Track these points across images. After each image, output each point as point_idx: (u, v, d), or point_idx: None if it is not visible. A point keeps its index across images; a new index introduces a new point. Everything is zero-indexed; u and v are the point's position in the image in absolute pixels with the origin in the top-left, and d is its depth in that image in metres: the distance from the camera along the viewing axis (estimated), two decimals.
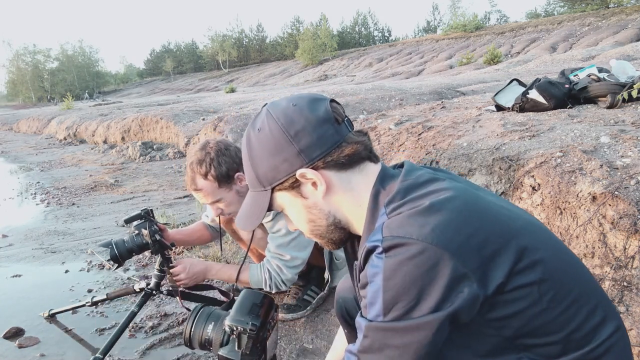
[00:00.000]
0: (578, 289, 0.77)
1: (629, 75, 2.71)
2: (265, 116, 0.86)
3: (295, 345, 1.86)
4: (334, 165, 0.84)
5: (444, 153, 2.44)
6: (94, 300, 2.10)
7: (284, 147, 0.83)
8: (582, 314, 0.75)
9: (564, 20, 25.76)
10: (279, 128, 0.83)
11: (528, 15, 45.21)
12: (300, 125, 0.83)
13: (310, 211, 0.88)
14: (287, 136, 0.83)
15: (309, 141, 0.82)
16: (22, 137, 13.93)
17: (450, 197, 0.74)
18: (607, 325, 0.77)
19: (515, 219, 0.78)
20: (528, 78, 5.09)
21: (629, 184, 1.58)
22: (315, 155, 0.83)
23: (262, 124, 0.86)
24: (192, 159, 1.76)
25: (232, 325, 0.99)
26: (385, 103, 6.95)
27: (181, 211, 4.07)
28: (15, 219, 4.34)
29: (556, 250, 0.79)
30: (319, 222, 0.89)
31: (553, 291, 0.74)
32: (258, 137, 0.86)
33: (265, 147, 0.84)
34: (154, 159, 7.42)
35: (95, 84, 60.48)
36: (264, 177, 0.86)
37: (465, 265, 0.69)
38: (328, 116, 0.85)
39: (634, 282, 1.46)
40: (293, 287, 2.14)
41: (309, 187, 0.86)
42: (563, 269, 0.77)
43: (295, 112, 0.84)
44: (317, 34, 39.69)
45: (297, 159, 0.83)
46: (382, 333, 0.73)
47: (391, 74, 20.79)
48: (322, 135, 0.83)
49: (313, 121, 0.83)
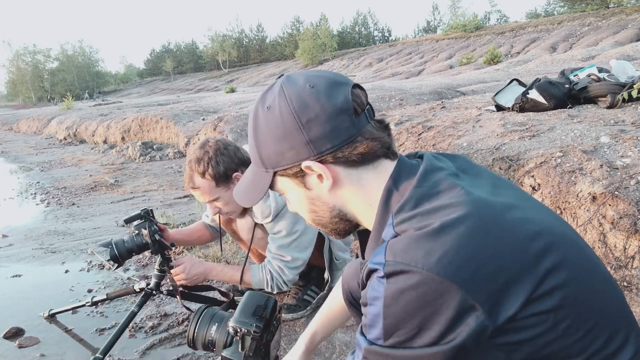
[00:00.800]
0: (600, 313, 0.69)
1: (629, 75, 2.71)
2: (277, 94, 0.78)
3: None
4: (345, 161, 0.77)
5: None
6: (94, 300, 2.10)
7: (293, 134, 0.75)
8: (601, 341, 0.68)
9: (564, 20, 25.77)
10: (290, 112, 0.75)
11: (528, 15, 45.24)
12: (313, 113, 0.75)
13: (313, 202, 0.83)
14: (298, 123, 0.75)
15: (321, 132, 0.75)
16: (22, 137, 13.93)
17: (463, 215, 0.66)
18: (627, 348, 0.70)
19: (539, 235, 0.67)
20: (528, 78, 5.09)
21: (629, 184, 1.58)
22: (325, 148, 0.75)
23: (273, 102, 0.77)
24: (191, 157, 1.77)
25: (236, 327, 0.98)
26: (385, 103, 6.94)
27: (181, 211, 4.07)
28: (15, 219, 4.34)
29: (581, 267, 0.70)
30: (322, 214, 0.84)
31: (571, 319, 0.66)
32: (266, 116, 0.78)
33: (273, 129, 0.77)
34: (154, 159, 7.42)
35: (95, 84, 60.49)
36: (267, 159, 0.80)
37: (474, 297, 0.62)
38: (347, 106, 0.76)
39: (634, 282, 1.46)
40: (293, 287, 2.14)
41: (314, 179, 0.79)
42: (585, 292, 0.69)
43: (312, 96, 0.75)
44: (317, 34, 39.69)
45: (304, 149, 0.76)
46: (381, 357, 0.68)
47: (391, 74, 20.79)
48: (336, 127, 0.75)
49: (329, 110, 0.75)
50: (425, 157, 0.80)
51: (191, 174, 1.75)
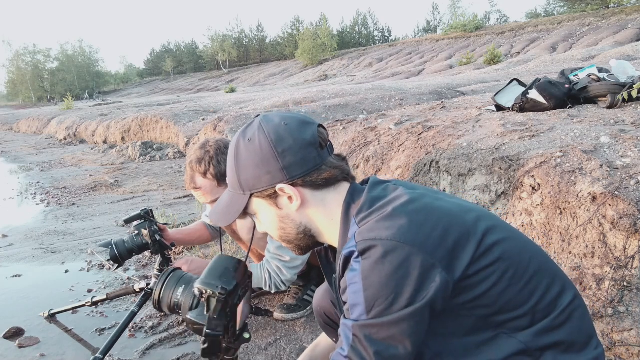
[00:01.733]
0: (535, 264, 0.87)
1: (629, 75, 2.71)
2: (257, 129, 0.93)
3: (295, 345, 1.86)
4: (312, 185, 0.92)
5: (444, 153, 2.44)
6: (94, 300, 2.10)
7: (270, 161, 0.90)
8: (543, 286, 0.85)
9: (564, 20, 25.76)
10: (269, 144, 0.90)
11: (528, 15, 45.20)
12: (287, 145, 0.90)
13: (282, 220, 0.96)
14: (275, 152, 0.90)
15: (293, 160, 0.90)
16: (22, 137, 13.93)
17: (408, 200, 0.85)
18: (566, 294, 0.87)
19: (470, 211, 0.88)
20: (528, 78, 5.08)
21: (629, 184, 1.58)
22: (296, 173, 0.90)
23: (253, 135, 0.92)
24: (192, 158, 1.77)
25: (202, 288, 0.95)
26: (385, 103, 6.94)
27: (181, 211, 4.07)
28: (15, 219, 4.34)
29: (511, 233, 0.89)
30: (289, 231, 0.97)
31: (513, 269, 0.83)
32: (247, 146, 0.92)
33: (252, 157, 0.91)
34: (154, 159, 7.42)
35: (95, 84, 60.44)
36: (245, 182, 0.93)
37: (433, 256, 0.78)
38: (314, 140, 0.92)
39: (634, 282, 1.46)
40: (293, 287, 2.14)
41: (285, 200, 0.93)
42: (519, 248, 0.87)
43: (286, 131, 0.91)
44: (317, 34, 39.66)
45: (279, 174, 0.90)
46: (367, 329, 0.79)
47: (391, 74, 20.79)
48: (306, 157, 0.91)
49: (300, 143, 0.91)
50: (371, 178, 0.98)
51: (192, 175, 1.75)
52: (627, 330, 1.43)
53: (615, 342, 1.44)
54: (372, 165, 2.87)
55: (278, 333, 1.96)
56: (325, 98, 8.10)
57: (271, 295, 2.24)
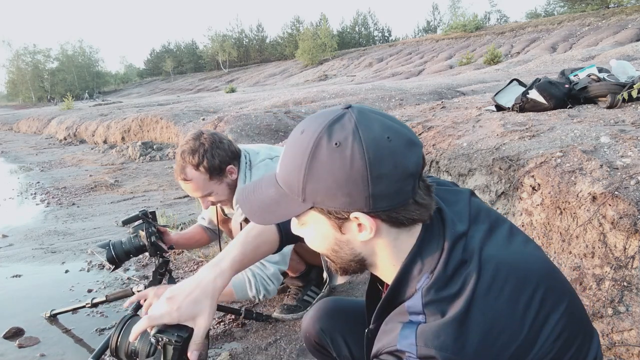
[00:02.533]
0: (581, 327, 0.82)
1: (629, 75, 2.71)
2: (351, 133, 0.71)
3: (295, 345, 1.86)
4: (393, 221, 0.75)
5: (444, 153, 2.44)
6: (93, 302, 2.10)
7: (357, 183, 0.70)
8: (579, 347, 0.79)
9: (564, 20, 25.77)
10: (364, 163, 0.69)
11: (528, 15, 45.22)
12: (386, 170, 0.70)
13: (339, 244, 0.80)
14: (368, 175, 0.70)
15: (385, 190, 0.71)
16: (22, 137, 13.94)
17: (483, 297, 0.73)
18: (592, 347, 0.82)
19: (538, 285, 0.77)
20: (528, 78, 5.08)
21: (629, 184, 1.58)
22: (382, 206, 0.72)
23: (345, 141, 0.70)
24: (184, 148, 1.69)
25: (158, 337, 0.97)
26: (385, 103, 6.95)
27: (181, 211, 4.07)
28: (15, 219, 4.34)
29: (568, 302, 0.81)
30: (343, 255, 0.81)
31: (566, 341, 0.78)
32: (332, 152, 0.71)
33: (335, 170, 0.71)
34: (154, 159, 7.42)
35: (95, 84, 60.45)
36: (311, 193, 0.74)
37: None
38: (416, 170, 0.74)
39: (634, 282, 1.46)
40: (293, 288, 2.14)
41: (354, 226, 0.76)
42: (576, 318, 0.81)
43: (389, 150, 0.71)
44: (317, 34, 39.67)
45: (361, 201, 0.72)
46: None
47: (391, 74, 20.79)
48: (401, 189, 0.72)
49: (400, 171, 0.71)
50: (446, 221, 0.80)
51: (184, 165, 1.69)
52: (627, 330, 1.43)
53: (615, 342, 1.44)
54: None
55: (278, 333, 1.96)
56: (325, 98, 8.10)
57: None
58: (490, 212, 0.89)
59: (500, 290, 0.74)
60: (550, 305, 0.77)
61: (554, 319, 0.76)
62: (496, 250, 0.80)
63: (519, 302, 0.75)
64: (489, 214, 0.88)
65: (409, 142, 0.74)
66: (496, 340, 0.71)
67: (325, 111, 0.76)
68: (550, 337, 0.74)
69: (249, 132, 6.20)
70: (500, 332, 0.71)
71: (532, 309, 0.75)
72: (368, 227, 0.74)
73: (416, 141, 0.76)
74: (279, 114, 6.73)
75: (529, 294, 0.76)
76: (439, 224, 0.80)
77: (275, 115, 6.63)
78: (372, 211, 0.73)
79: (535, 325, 0.74)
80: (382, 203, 0.72)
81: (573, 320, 0.79)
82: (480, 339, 0.70)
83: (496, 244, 0.81)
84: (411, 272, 0.77)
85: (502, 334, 0.71)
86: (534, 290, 0.76)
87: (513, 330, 0.72)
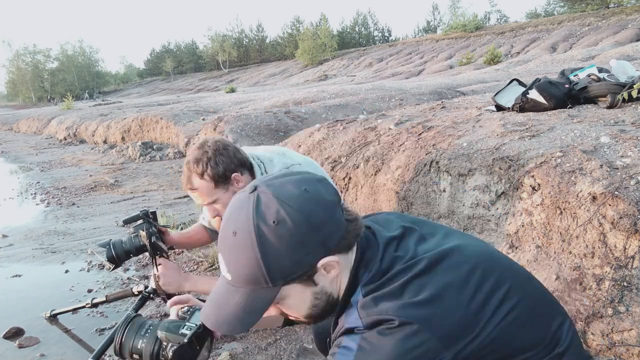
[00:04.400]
0: (540, 304, 0.90)
1: (629, 75, 2.70)
2: (280, 206, 0.77)
3: (295, 345, 1.86)
4: (344, 246, 0.83)
5: (444, 153, 2.44)
6: (93, 302, 2.10)
7: (310, 239, 0.78)
8: (547, 324, 0.88)
9: (564, 20, 25.76)
10: (305, 220, 0.77)
11: (528, 15, 45.19)
12: (322, 214, 0.79)
13: (316, 296, 0.85)
14: (312, 227, 0.78)
15: (329, 229, 0.80)
16: (22, 137, 13.93)
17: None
18: (564, 323, 0.90)
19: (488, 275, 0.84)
20: (528, 78, 5.08)
21: (629, 184, 1.58)
22: (333, 242, 0.80)
23: (278, 215, 0.77)
24: (189, 158, 1.72)
25: (164, 336, 0.99)
26: (385, 103, 6.94)
27: (181, 211, 4.07)
28: (15, 219, 4.34)
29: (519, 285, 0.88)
30: (321, 304, 0.86)
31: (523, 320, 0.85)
32: (276, 231, 0.76)
33: (288, 241, 0.76)
34: (154, 159, 7.42)
35: (96, 84, 60.42)
36: (279, 273, 0.78)
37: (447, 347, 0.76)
38: (336, 197, 0.84)
39: (634, 282, 1.46)
40: None
41: (321, 271, 0.82)
42: (528, 300, 0.87)
43: (313, 199, 0.80)
44: (317, 34, 39.65)
45: (320, 249, 0.79)
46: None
47: (391, 74, 20.79)
48: (337, 218, 0.81)
49: (330, 207, 0.81)
50: (376, 231, 0.91)
51: (189, 175, 1.71)
52: (627, 330, 1.43)
53: (615, 342, 1.44)
54: (372, 165, 2.87)
55: (278, 333, 1.96)
56: (325, 98, 8.10)
57: None
58: (426, 222, 0.99)
59: (436, 271, 0.82)
60: (492, 285, 0.83)
61: (498, 297, 0.82)
62: (431, 245, 0.89)
63: (457, 278, 0.82)
64: (425, 223, 0.99)
65: (318, 181, 0.84)
66: (437, 306, 0.77)
67: (240, 204, 0.81)
68: (498, 311, 0.81)
69: (249, 132, 6.19)
70: (440, 298, 0.78)
71: (470, 285, 0.82)
72: (334, 264, 0.81)
73: (320, 177, 0.86)
74: (279, 114, 6.72)
75: (465, 272, 0.83)
76: (371, 235, 0.90)
77: (275, 115, 6.63)
78: (330, 250, 0.80)
79: (477, 299, 0.81)
80: (333, 240, 0.80)
81: (523, 299, 0.85)
82: (419, 302, 0.77)
83: (431, 242, 0.91)
84: (357, 276, 0.85)
85: (442, 301, 0.78)
86: (471, 270, 0.84)
87: (453, 302, 0.79)
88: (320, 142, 3.64)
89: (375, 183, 2.81)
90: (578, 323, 1.53)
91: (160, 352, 1.03)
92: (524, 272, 0.96)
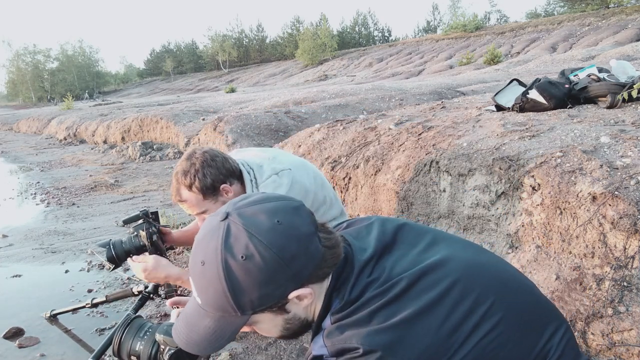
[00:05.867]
0: (528, 314, 0.86)
1: (629, 75, 2.70)
2: (249, 240, 0.75)
3: (295, 345, 1.86)
4: (319, 277, 0.81)
5: (444, 153, 2.44)
6: (93, 302, 2.10)
7: (279, 274, 0.75)
8: (536, 336, 0.85)
9: (564, 20, 25.75)
10: (274, 255, 0.74)
11: (528, 15, 45.19)
12: (294, 248, 0.76)
13: (287, 322, 0.85)
14: (283, 263, 0.75)
15: (302, 262, 0.77)
16: (22, 137, 13.93)
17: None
18: (558, 331, 0.87)
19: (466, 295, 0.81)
20: (528, 78, 5.09)
21: (629, 184, 1.58)
22: (307, 273, 0.78)
23: (248, 249, 0.74)
24: (177, 170, 1.71)
25: (161, 339, 0.99)
26: (385, 103, 6.94)
27: (181, 211, 4.07)
28: (15, 219, 4.34)
29: (504, 299, 0.85)
30: (293, 327, 0.87)
31: (508, 336, 0.81)
32: (244, 266, 0.74)
33: (256, 276, 0.75)
34: (154, 159, 7.42)
35: (96, 84, 60.41)
36: (248, 304, 0.77)
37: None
38: (312, 227, 0.81)
39: (634, 282, 1.46)
40: None
41: (294, 301, 0.81)
42: (514, 311, 0.84)
43: (285, 232, 0.77)
44: (317, 34, 39.65)
45: (291, 283, 0.77)
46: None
47: (391, 74, 20.79)
48: (312, 250, 0.79)
49: (304, 239, 0.78)
50: (354, 252, 0.87)
51: (178, 187, 1.70)
52: (627, 330, 1.43)
53: (615, 342, 1.44)
54: (372, 165, 2.87)
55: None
56: (325, 98, 8.10)
57: None
58: (412, 228, 0.96)
59: (410, 294, 0.80)
60: (471, 303, 0.80)
61: (477, 315, 0.79)
62: (410, 262, 0.86)
63: (431, 300, 0.79)
64: (410, 230, 0.95)
65: (293, 210, 0.81)
66: (404, 332, 0.75)
67: (210, 232, 0.79)
68: (476, 332, 0.78)
69: (249, 132, 6.19)
70: (407, 323, 0.76)
71: (444, 306, 0.79)
72: (307, 294, 0.80)
73: (296, 203, 0.83)
74: (279, 114, 6.72)
75: (442, 290, 0.80)
76: (347, 256, 0.86)
77: (275, 115, 6.63)
78: (302, 282, 0.78)
79: (451, 321, 0.78)
80: (306, 271, 0.78)
81: (509, 313, 0.82)
82: (385, 328, 0.75)
83: (411, 256, 0.88)
84: (330, 302, 0.83)
85: (411, 326, 0.75)
86: (449, 287, 0.81)
87: (422, 327, 0.76)
88: (320, 142, 3.64)
89: (375, 183, 2.81)
90: (578, 323, 1.53)
91: (157, 355, 1.03)
92: (513, 281, 0.92)
